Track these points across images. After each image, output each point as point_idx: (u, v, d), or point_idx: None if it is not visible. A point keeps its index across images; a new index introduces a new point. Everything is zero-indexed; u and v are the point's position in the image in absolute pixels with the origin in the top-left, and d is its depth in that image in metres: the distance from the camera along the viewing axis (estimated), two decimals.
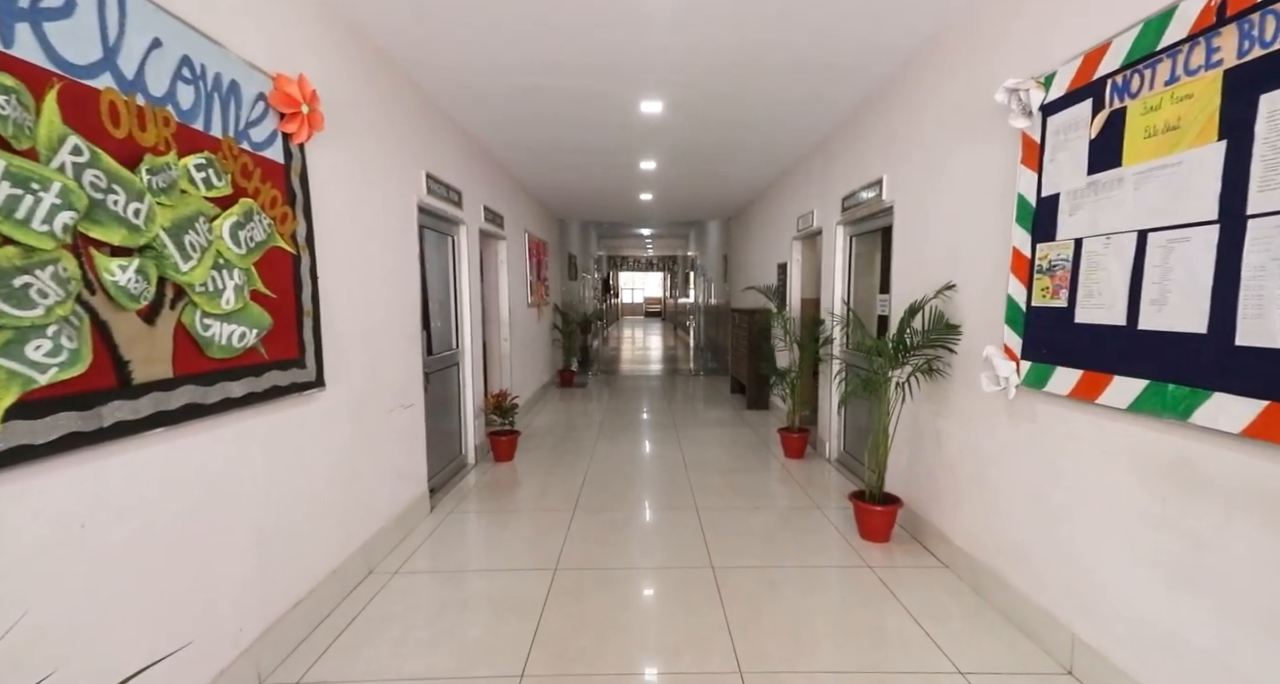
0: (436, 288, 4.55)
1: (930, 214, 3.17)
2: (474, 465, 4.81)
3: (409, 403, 3.50)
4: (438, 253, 4.53)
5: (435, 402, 4.20)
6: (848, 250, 4.64)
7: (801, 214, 5.62)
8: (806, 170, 5.48)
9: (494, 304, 6.13)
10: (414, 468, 3.58)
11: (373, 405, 3.06)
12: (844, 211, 4.49)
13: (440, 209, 4.09)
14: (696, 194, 7.79)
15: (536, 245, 7.76)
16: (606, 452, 5.21)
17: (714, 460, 4.92)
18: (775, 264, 6.70)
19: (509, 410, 4.95)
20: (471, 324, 4.83)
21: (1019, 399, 2.38)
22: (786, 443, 4.99)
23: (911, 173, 3.38)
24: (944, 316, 2.92)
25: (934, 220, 3.13)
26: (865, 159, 4.06)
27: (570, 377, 9.03)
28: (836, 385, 4.72)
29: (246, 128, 2.10)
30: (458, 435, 4.72)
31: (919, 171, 3.29)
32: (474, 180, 4.94)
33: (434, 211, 4.01)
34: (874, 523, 3.24)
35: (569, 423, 6.48)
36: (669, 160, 5.84)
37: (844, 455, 4.73)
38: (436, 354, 4.35)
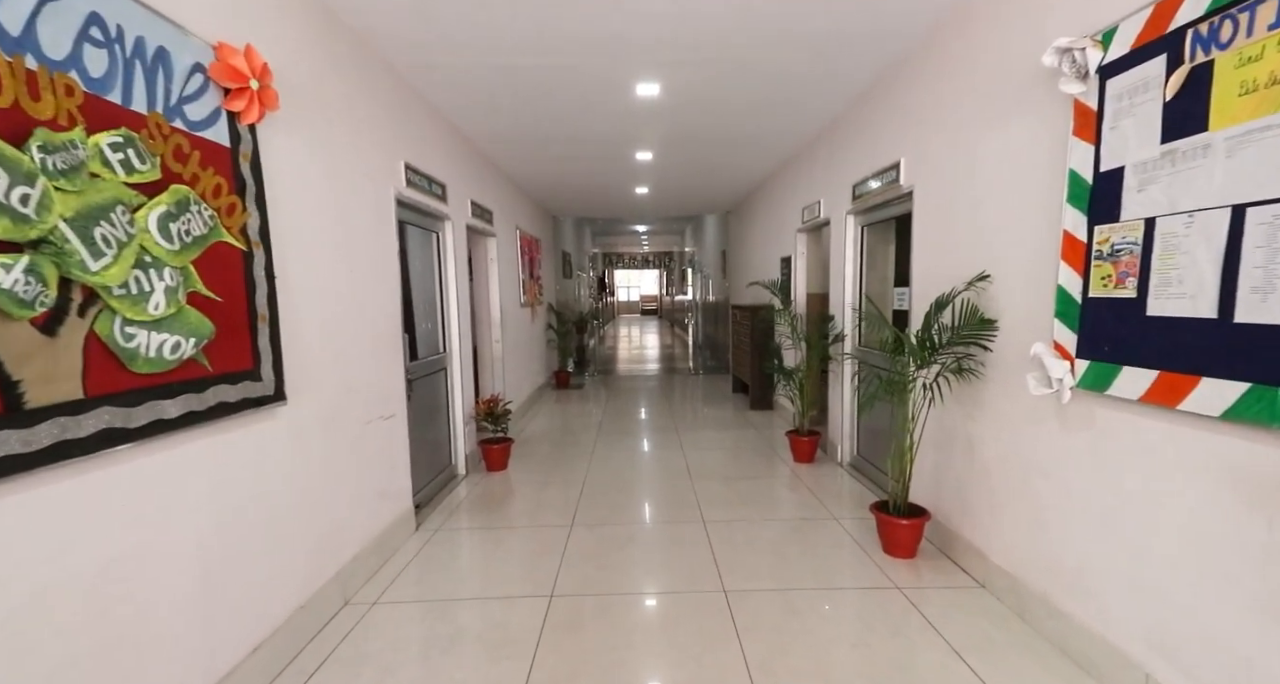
0: (421, 288, 4.26)
1: (958, 198, 2.88)
2: (465, 476, 4.52)
3: (389, 413, 3.21)
4: (421, 250, 4.23)
5: (421, 410, 3.91)
6: (859, 242, 4.36)
7: (807, 204, 5.34)
8: (812, 158, 5.19)
9: (484, 304, 5.83)
10: (396, 484, 3.29)
11: (347, 418, 2.76)
12: (855, 200, 4.21)
13: (422, 203, 3.79)
14: (694, 186, 7.50)
15: (528, 242, 7.46)
16: (605, 458, 4.93)
17: (719, 466, 4.64)
18: (778, 258, 6.42)
19: (501, 417, 4.66)
20: (460, 326, 4.53)
21: (1074, 403, 2.10)
22: (795, 446, 4.72)
23: (935, 154, 3.10)
24: (978, 310, 2.64)
25: (962, 205, 2.85)
26: (879, 142, 3.78)
27: (566, 378, 8.74)
28: (851, 386, 4.45)
29: (180, 103, 1.80)
30: (447, 445, 4.43)
31: (944, 152, 3.01)
32: (459, 173, 4.64)
33: (415, 206, 3.71)
34: (899, 537, 2.96)
35: (566, 427, 6.19)
36: (666, 150, 5.55)
37: (857, 459, 4.46)
38: (422, 359, 4.05)
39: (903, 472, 2.99)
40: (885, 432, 3.95)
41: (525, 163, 5.89)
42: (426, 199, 3.87)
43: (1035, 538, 2.35)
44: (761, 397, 6.80)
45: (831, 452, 4.76)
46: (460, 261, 4.62)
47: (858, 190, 4.15)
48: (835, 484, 4.17)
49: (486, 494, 4.13)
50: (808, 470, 4.51)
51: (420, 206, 3.79)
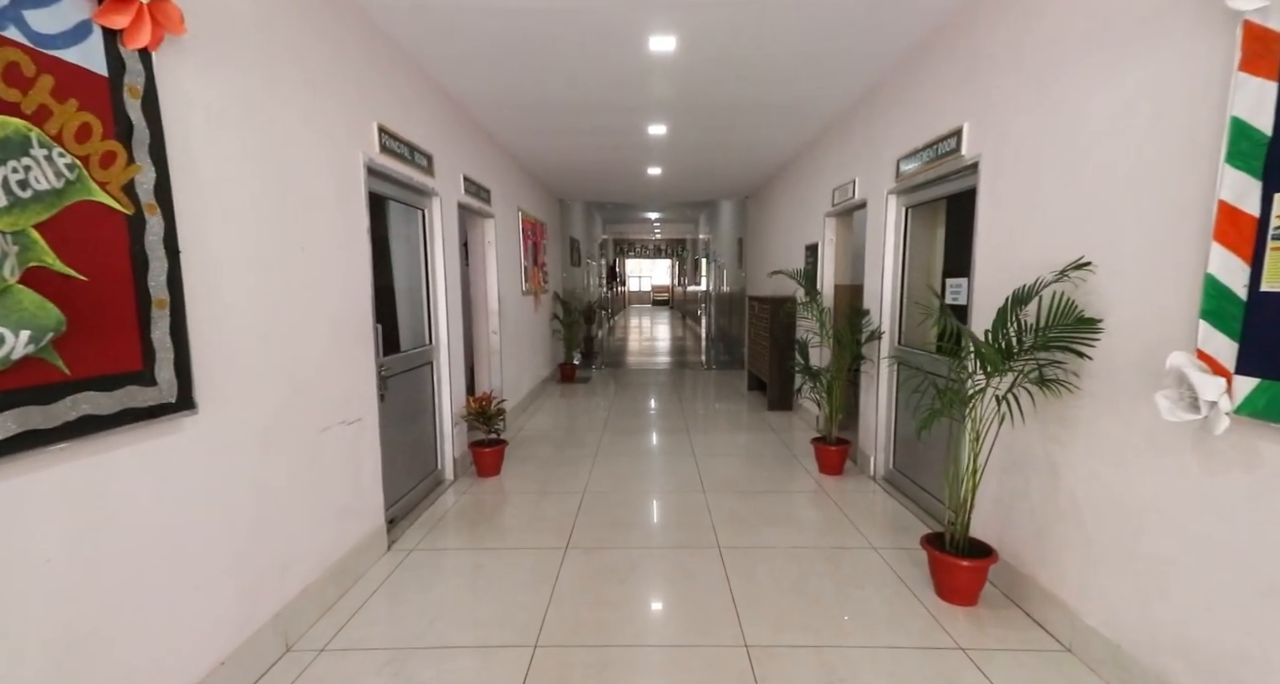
0: (404, 271, 3.78)
1: (1045, 166, 2.34)
2: (452, 482, 4.06)
3: (354, 417, 2.74)
4: (404, 229, 3.74)
5: (400, 409, 3.44)
6: (902, 225, 3.81)
7: (838, 185, 4.78)
8: (846, 132, 4.62)
9: (481, 291, 5.35)
10: (363, 498, 2.82)
11: (295, 426, 2.29)
12: (899, 177, 3.66)
13: (402, 174, 3.29)
14: (712, 167, 6.95)
15: (532, 226, 6.96)
16: (609, 464, 4.45)
17: (736, 477, 4.14)
18: (802, 246, 5.87)
19: (494, 416, 4.19)
20: (449, 314, 4.05)
21: (1231, 434, 1.57)
22: (822, 457, 4.20)
23: (1011, 114, 2.55)
24: (1075, 307, 2.10)
25: (1052, 174, 2.30)
26: (934, 106, 3.22)
27: (572, 371, 8.26)
28: (888, 389, 3.92)
29: (16, 6, 1.30)
30: (432, 448, 3.97)
31: (1025, 110, 2.45)
32: (450, 143, 4.13)
33: (393, 176, 3.21)
34: (958, 581, 2.45)
35: (568, 426, 5.71)
36: (682, 122, 5.00)
37: (893, 474, 3.94)
38: (404, 351, 3.58)
39: (964, 501, 2.47)
40: (926, 443, 3.43)
41: (526, 136, 5.37)
42: (408, 170, 3.37)
43: (1152, 603, 1.83)
44: (780, 396, 6.28)
45: (862, 463, 4.24)
46: (451, 243, 4.13)
47: (903, 166, 3.59)
48: (869, 503, 3.66)
49: (474, 505, 3.67)
50: (835, 485, 3.99)
51: (400, 178, 3.29)
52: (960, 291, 3.14)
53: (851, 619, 2.38)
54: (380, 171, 3.06)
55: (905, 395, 3.79)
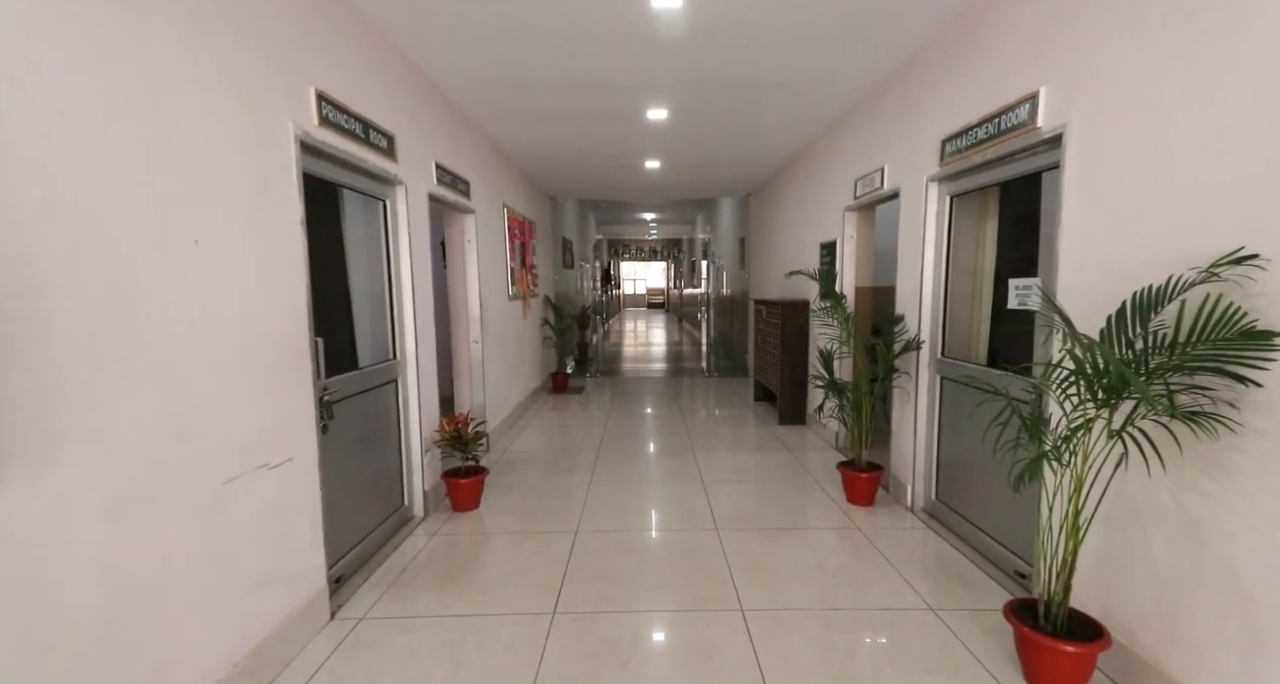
0: (362, 273, 3.20)
1: (1174, 133, 1.79)
2: (422, 520, 3.48)
3: (279, 458, 2.16)
4: (361, 223, 3.17)
5: (353, 439, 2.87)
6: (946, 217, 3.27)
7: (863, 175, 4.24)
8: (874, 113, 4.08)
9: (460, 295, 4.78)
10: (294, 560, 2.24)
11: (180, 480, 1.71)
12: (944, 161, 3.11)
13: (352, 155, 2.73)
14: (714, 160, 6.40)
15: (520, 224, 6.40)
16: (605, 494, 3.87)
17: (753, 510, 3.58)
18: (817, 244, 5.33)
19: (472, 441, 3.61)
20: (419, 323, 3.48)
21: None
22: (851, 485, 3.65)
23: (1117, 71, 2.00)
24: (1237, 313, 1.55)
25: (1184, 142, 1.75)
26: (995, 72, 2.68)
27: (565, 381, 7.69)
28: (928, 406, 3.38)
29: None
30: (397, 480, 3.38)
31: (1140, 65, 1.91)
32: (418, 124, 3.57)
33: (340, 157, 2.64)
34: (1060, 672, 1.90)
35: (560, 445, 5.13)
36: (684, 104, 4.45)
37: (935, 505, 3.39)
38: (363, 368, 3.01)
39: (1064, 563, 1.91)
40: (976, 467, 2.88)
41: (511, 122, 4.80)
42: (361, 151, 2.81)
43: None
44: (792, 408, 5.73)
45: (897, 492, 3.69)
46: (421, 240, 3.56)
47: (951, 147, 3.05)
48: (911, 544, 3.10)
49: (446, 551, 3.09)
50: (868, 518, 3.44)
51: (350, 160, 2.72)
52: (1030, 295, 2.60)
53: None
54: (322, 150, 2.49)
55: (952, 415, 3.24)
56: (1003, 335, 3.09)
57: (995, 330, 3.13)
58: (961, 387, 3.12)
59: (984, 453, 2.89)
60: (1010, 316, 3.05)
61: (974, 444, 3.01)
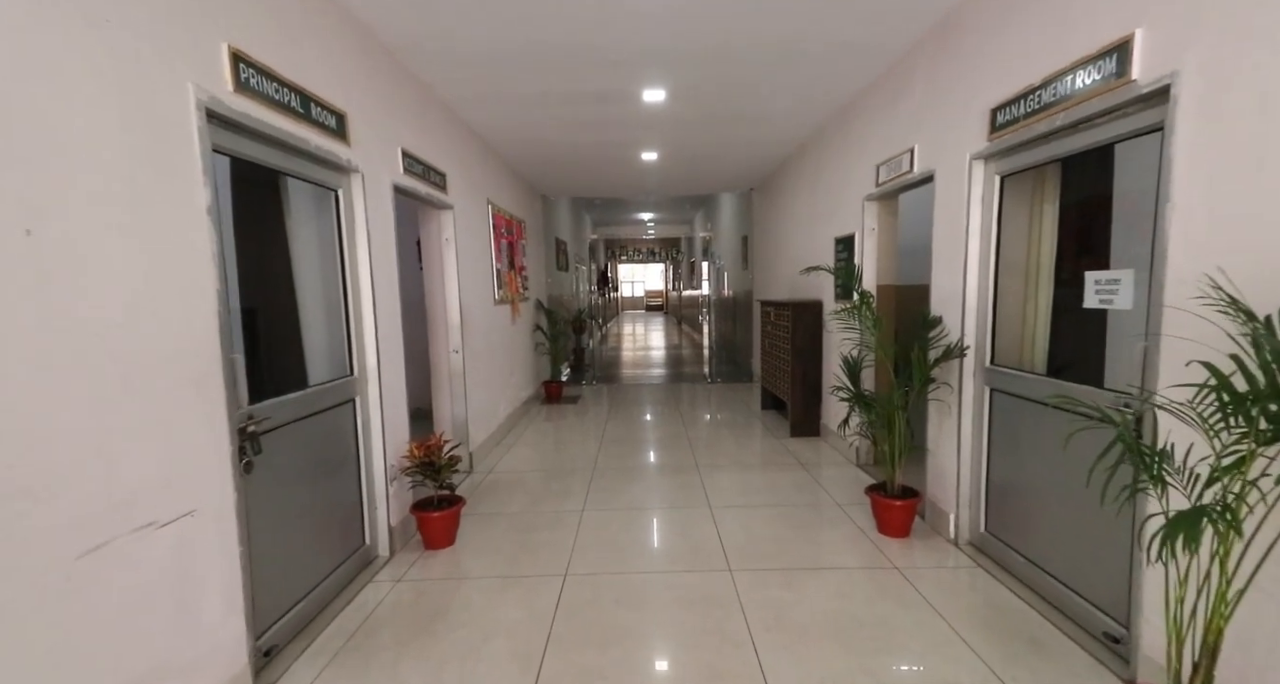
0: (312, 275, 2.73)
1: None
2: (387, 561, 2.99)
3: (170, 514, 1.67)
4: (312, 216, 2.69)
5: (296, 472, 2.38)
6: (995, 201, 2.79)
7: (887, 159, 3.76)
8: (900, 87, 3.61)
9: (438, 300, 4.30)
10: (195, 644, 1.75)
11: (16, 561, 1.23)
12: (995, 133, 2.64)
13: (289, 134, 2.25)
14: (715, 149, 5.93)
15: (507, 223, 5.92)
16: (600, 525, 3.39)
17: (770, 544, 3.09)
18: (830, 239, 4.85)
19: (445, 467, 3.13)
20: (382, 333, 3.00)
21: None
22: (883, 514, 3.17)
23: None
24: None
25: None
26: (1066, 19, 2.20)
27: (558, 390, 7.20)
28: (973, 422, 2.90)
29: None
30: (356, 515, 2.90)
31: None
32: (379, 105, 3.09)
33: (270, 134, 2.16)
34: None
35: (551, 464, 4.65)
36: (684, 84, 3.98)
37: (984, 539, 2.90)
38: (312, 386, 2.53)
39: (1207, 647, 1.43)
40: (1040, 495, 2.40)
41: (490, 106, 4.33)
42: (301, 128, 2.33)
43: None
44: (805, 419, 5.25)
45: (935, 521, 3.20)
46: (385, 237, 3.09)
47: (1004, 117, 2.58)
48: (963, 589, 2.62)
49: (410, 603, 2.60)
50: (904, 553, 2.96)
51: (287, 138, 2.24)
52: (1117, 292, 2.12)
53: None
54: (243, 124, 2.01)
55: (1006, 433, 2.76)
56: (1062, 340, 2.62)
57: (1054, 334, 2.65)
58: (1019, 401, 2.64)
59: (1052, 479, 2.42)
60: (1071, 318, 2.58)
61: (1037, 468, 2.53)
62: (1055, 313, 2.64)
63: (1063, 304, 2.59)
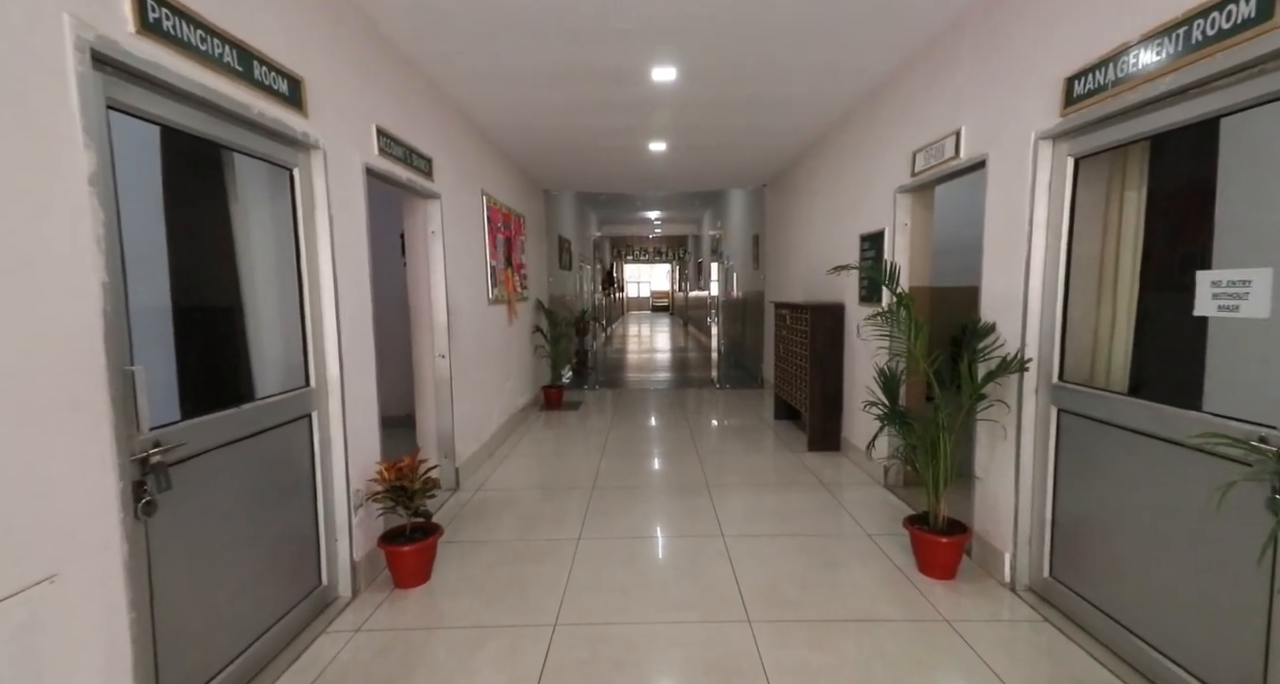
0: (265, 269, 2.32)
1: None
2: (349, 603, 2.58)
3: (18, 583, 1.26)
4: (259, 199, 2.28)
5: (227, 506, 1.97)
6: (1068, 186, 2.36)
7: (924, 145, 3.33)
8: (939, 66, 3.18)
9: (423, 299, 3.89)
10: None
11: None
12: (1071, 107, 2.21)
13: (222, 96, 1.84)
14: (728, 139, 5.50)
15: (505, 217, 5.52)
16: (598, 559, 2.97)
17: (795, 586, 2.66)
18: (855, 236, 4.42)
19: (420, 492, 2.72)
20: (347, 337, 2.60)
21: None
22: (926, 550, 2.73)
23: None
24: None
25: None
26: None
27: (558, 395, 6.79)
28: (1034, 445, 2.47)
29: None
30: (311, 551, 2.49)
31: None
32: (347, 72, 2.69)
33: (195, 94, 1.75)
34: None
35: (546, 480, 4.23)
36: (697, 61, 3.55)
37: (1049, 585, 2.47)
38: (260, 400, 2.12)
39: None
40: (1125, 539, 1.96)
41: (482, 85, 3.91)
42: (239, 91, 1.92)
43: None
44: (823, 431, 4.82)
45: (987, 560, 2.77)
46: (353, 225, 2.68)
47: (1083, 86, 2.15)
48: (1030, 650, 2.18)
49: (369, 663, 2.18)
50: (953, 600, 2.52)
51: (220, 101, 1.84)
52: (1246, 296, 1.68)
53: None
54: (154, 77, 1.60)
55: (1079, 462, 2.33)
56: (1147, 353, 2.19)
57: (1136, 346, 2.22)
58: (1098, 425, 2.21)
59: (1145, 520, 1.97)
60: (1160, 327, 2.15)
61: (1123, 505, 2.10)
62: (1140, 320, 2.20)
63: (1152, 310, 2.16)
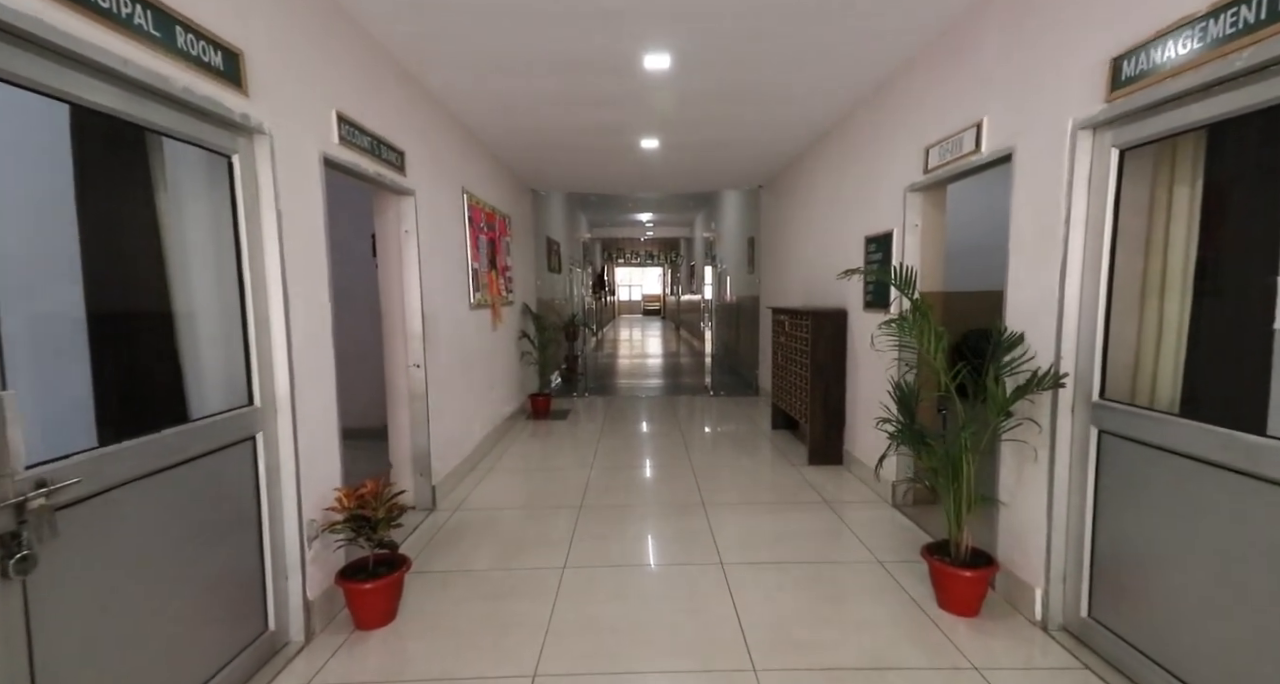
0: (204, 270, 2.02)
1: None
2: (302, 649, 2.27)
3: None
4: (194, 191, 1.98)
5: (149, 545, 1.67)
6: (1112, 180, 2.10)
7: (940, 139, 3.08)
8: (958, 52, 2.93)
9: (396, 305, 3.59)
10: None
11: None
12: (1118, 90, 1.96)
13: (123, 62, 1.55)
14: (724, 136, 5.24)
15: (489, 217, 5.22)
16: (584, 594, 2.67)
17: (804, 626, 2.38)
18: (860, 238, 4.17)
19: (384, 521, 2.41)
20: (299, 348, 2.30)
21: None
22: (947, 585, 2.47)
23: None
24: None
25: None
26: None
27: (546, 404, 6.48)
28: (1069, 469, 2.21)
29: None
30: (256, 592, 2.18)
31: None
32: (299, 51, 2.39)
33: (81, 56, 1.46)
34: None
35: (530, 499, 3.93)
36: (693, 45, 3.29)
37: (1088, 626, 2.20)
38: (194, 422, 1.82)
39: None
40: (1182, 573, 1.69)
41: (458, 72, 3.62)
42: (151, 58, 1.63)
43: None
44: (825, 444, 4.56)
45: (1015, 594, 2.50)
46: (308, 222, 2.38)
47: (1134, 66, 1.90)
48: None
49: None
50: (979, 641, 2.25)
51: (117, 68, 1.54)
52: None
53: None
54: (19, 30, 1.31)
55: (1124, 490, 2.06)
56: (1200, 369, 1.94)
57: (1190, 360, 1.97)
58: (1148, 450, 1.95)
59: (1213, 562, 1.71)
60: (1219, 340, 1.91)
61: (1179, 542, 1.84)
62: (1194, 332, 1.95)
63: (1209, 320, 1.91)
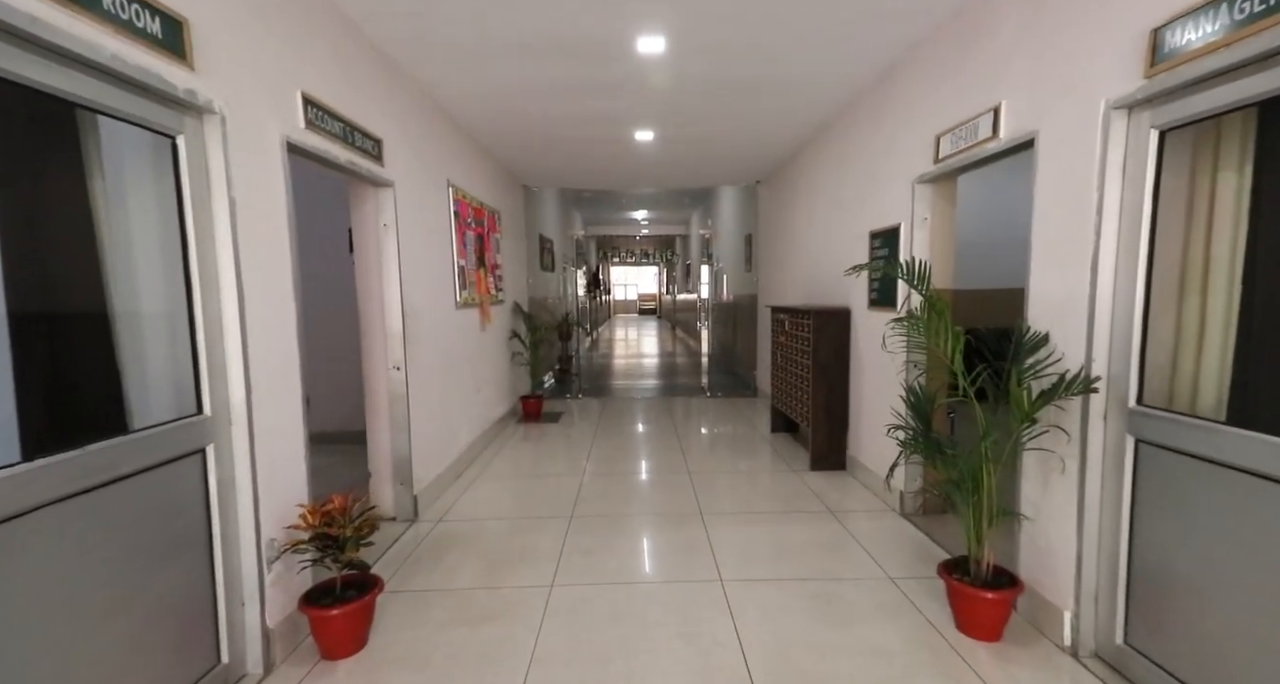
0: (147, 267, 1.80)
1: None
2: (261, 681, 2.06)
3: None
4: (133, 177, 1.76)
5: (74, 576, 1.46)
6: (1150, 164, 1.91)
7: (953, 126, 2.89)
8: (972, 34, 2.74)
9: (374, 303, 3.38)
10: None
11: None
12: (1159, 65, 1.77)
13: (46, 27, 1.33)
14: (722, 127, 5.03)
15: (477, 213, 5.01)
16: (573, 616, 2.47)
17: (811, 654, 2.18)
18: (865, 233, 3.98)
19: (348, 542, 2.20)
20: (257, 351, 2.09)
21: None
22: (966, 607, 2.27)
23: None
24: None
25: None
26: None
27: (538, 406, 6.27)
28: (1101, 481, 2.02)
29: None
30: (208, 621, 1.97)
31: None
32: (256, 20, 2.18)
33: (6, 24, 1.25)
34: None
35: (518, 508, 3.73)
36: (690, 24, 3.08)
37: (1123, 653, 2.01)
38: (133, 433, 1.61)
39: None
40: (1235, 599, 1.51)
41: (441, 56, 3.40)
42: (69, 21, 1.41)
43: None
44: (828, 449, 4.37)
45: (1040, 617, 2.31)
46: (268, 212, 2.17)
47: (1178, 37, 1.71)
48: None
49: None
50: (1003, 670, 2.06)
51: (33, 33, 1.33)
52: None
53: None
54: None
55: (1165, 504, 1.87)
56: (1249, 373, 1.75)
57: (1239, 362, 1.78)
58: (1193, 461, 1.76)
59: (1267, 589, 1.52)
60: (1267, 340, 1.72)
61: (1232, 566, 1.65)
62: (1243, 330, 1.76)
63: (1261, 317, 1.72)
